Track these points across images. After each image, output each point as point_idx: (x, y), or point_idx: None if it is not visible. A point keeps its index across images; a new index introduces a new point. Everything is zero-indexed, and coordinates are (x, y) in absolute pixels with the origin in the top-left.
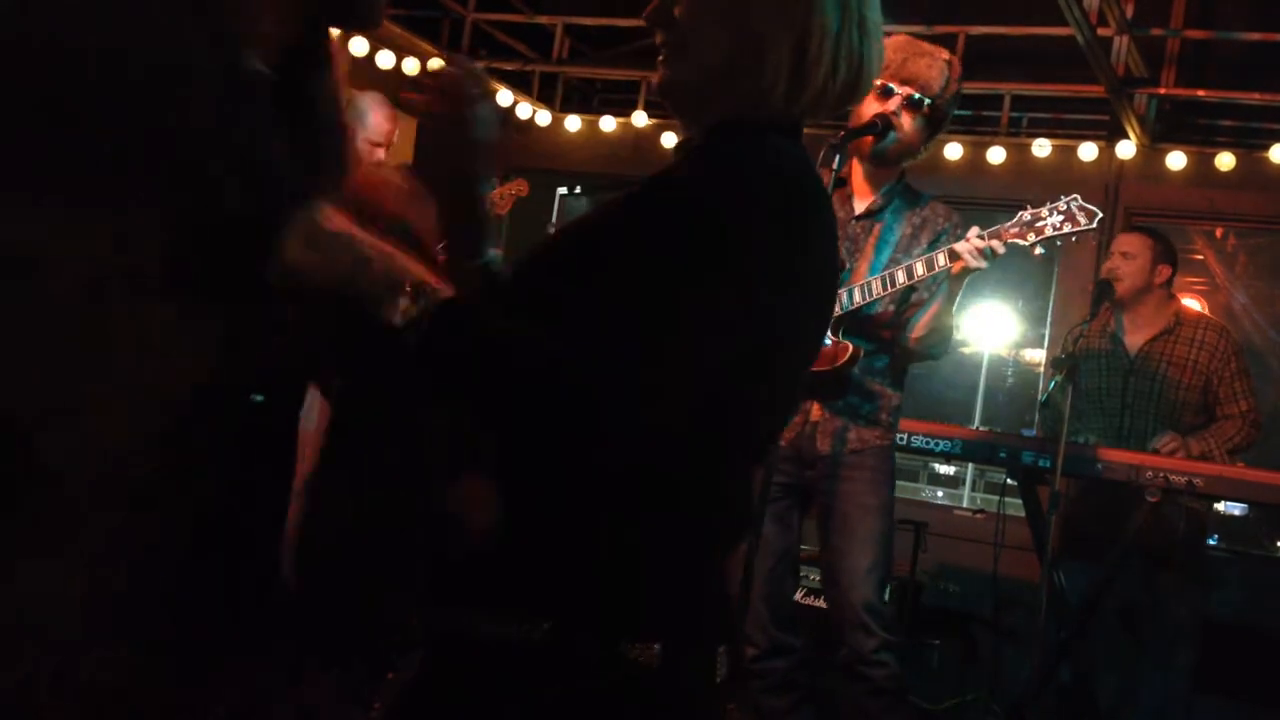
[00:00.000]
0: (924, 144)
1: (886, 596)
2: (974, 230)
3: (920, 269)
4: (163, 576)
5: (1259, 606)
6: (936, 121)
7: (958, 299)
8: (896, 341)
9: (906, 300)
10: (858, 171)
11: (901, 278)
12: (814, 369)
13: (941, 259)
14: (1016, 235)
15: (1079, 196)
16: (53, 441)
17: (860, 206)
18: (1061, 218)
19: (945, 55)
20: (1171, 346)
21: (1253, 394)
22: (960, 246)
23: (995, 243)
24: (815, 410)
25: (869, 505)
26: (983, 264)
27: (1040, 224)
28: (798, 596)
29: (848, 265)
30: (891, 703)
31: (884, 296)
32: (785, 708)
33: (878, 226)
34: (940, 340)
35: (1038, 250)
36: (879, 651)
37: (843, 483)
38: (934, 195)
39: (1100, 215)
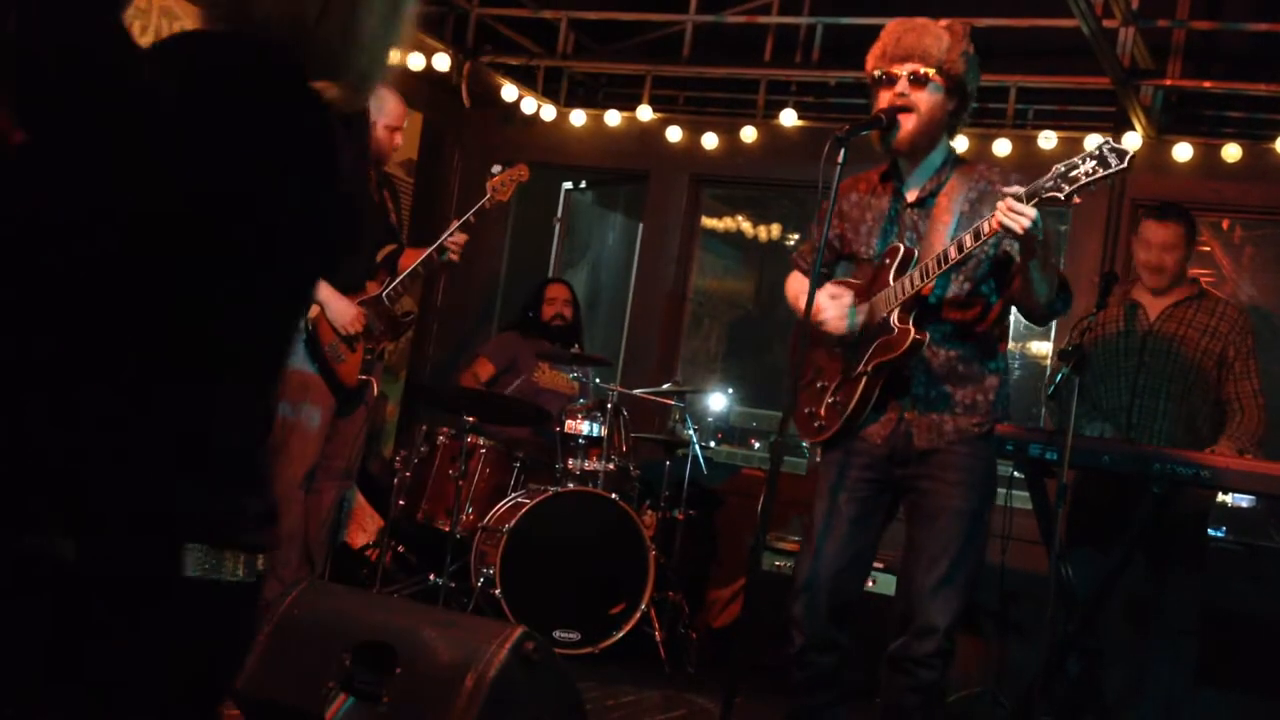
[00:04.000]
0: (954, 115)
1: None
2: (1010, 189)
3: (969, 240)
4: None
5: (1267, 598)
6: (956, 87)
7: (1041, 257)
8: (980, 318)
9: (988, 271)
10: (903, 161)
11: (954, 253)
12: (881, 358)
13: (986, 227)
14: (1053, 189)
15: (1109, 139)
16: None
17: (912, 194)
18: (1094, 163)
19: (942, 24)
20: (1194, 312)
21: (1261, 375)
22: (998, 216)
23: (1023, 208)
24: (909, 405)
25: (957, 509)
26: (1018, 224)
27: (1074, 173)
28: None
29: (915, 254)
30: (927, 702)
31: (953, 273)
32: (823, 703)
33: (934, 210)
34: (1048, 299)
35: (1075, 200)
36: (934, 657)
37: (933, 480)
38: (983, 161)
39: (1132, 154)
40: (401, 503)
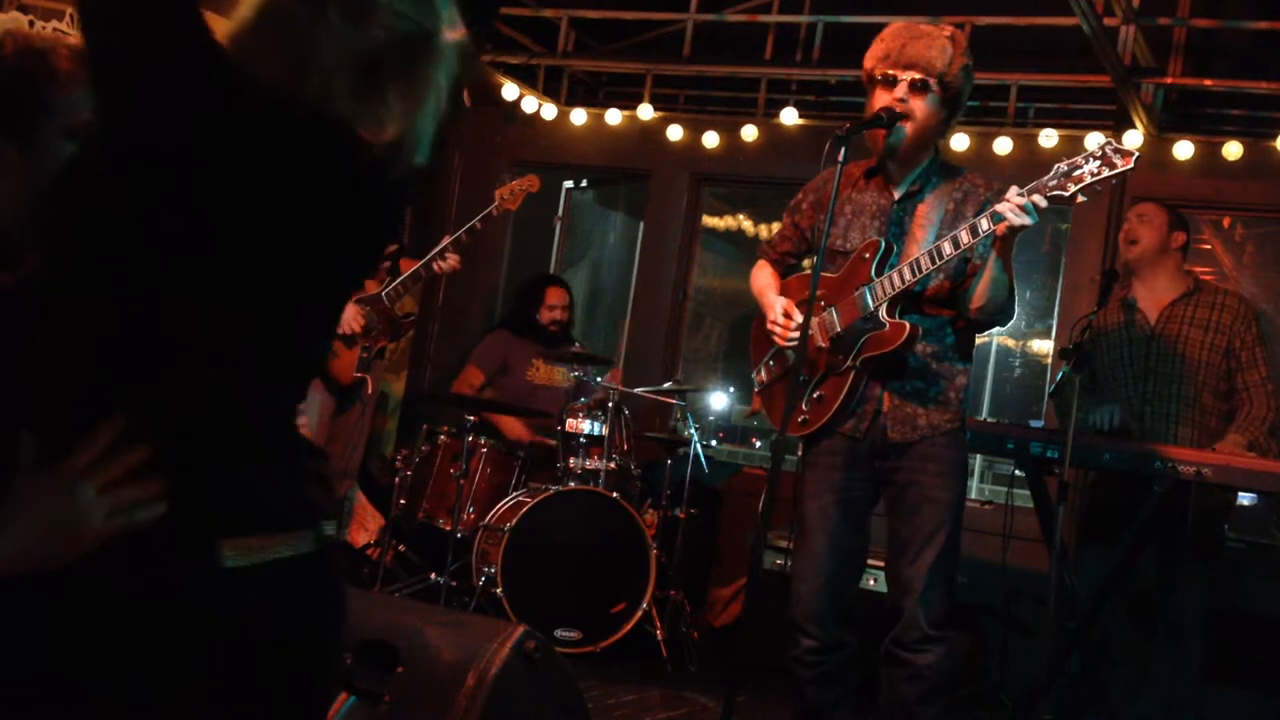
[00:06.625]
0: (945, 123)
1: (949, 594)
2: (1014, 189)
3: (965, 236)
4: None
5: (1270, 596)
6: (952, 99)
7: (1010, 259)
8: (958, 316)
9: (963, 272)
10: (891, 163)
11: (948, 248)
12: (873, 352)
13: (985, 223)
14: (1057, 187)
15: (1113, 140)
16: None
17: (899, 191)
18: (1098, 163)
19: (945, 32)
20: (1193, 310)
21: (1268, 362)
22: (1002, 207)
23: (1036, 197)
24: (885, 399)
25: (938, 500)
26: (1027, 220)
27: (1078, 172)
28: None
29: (895, 249)
30: (927, 690)
31: (936, 272)
32: (830, 701)
33: (920, 207)
34: (1000, 305)
35: (1080, 199)
36: (926, 642)
37: (914, 473)
38: (968, 168)
39: (1138, 154)
40: (403, 502)
